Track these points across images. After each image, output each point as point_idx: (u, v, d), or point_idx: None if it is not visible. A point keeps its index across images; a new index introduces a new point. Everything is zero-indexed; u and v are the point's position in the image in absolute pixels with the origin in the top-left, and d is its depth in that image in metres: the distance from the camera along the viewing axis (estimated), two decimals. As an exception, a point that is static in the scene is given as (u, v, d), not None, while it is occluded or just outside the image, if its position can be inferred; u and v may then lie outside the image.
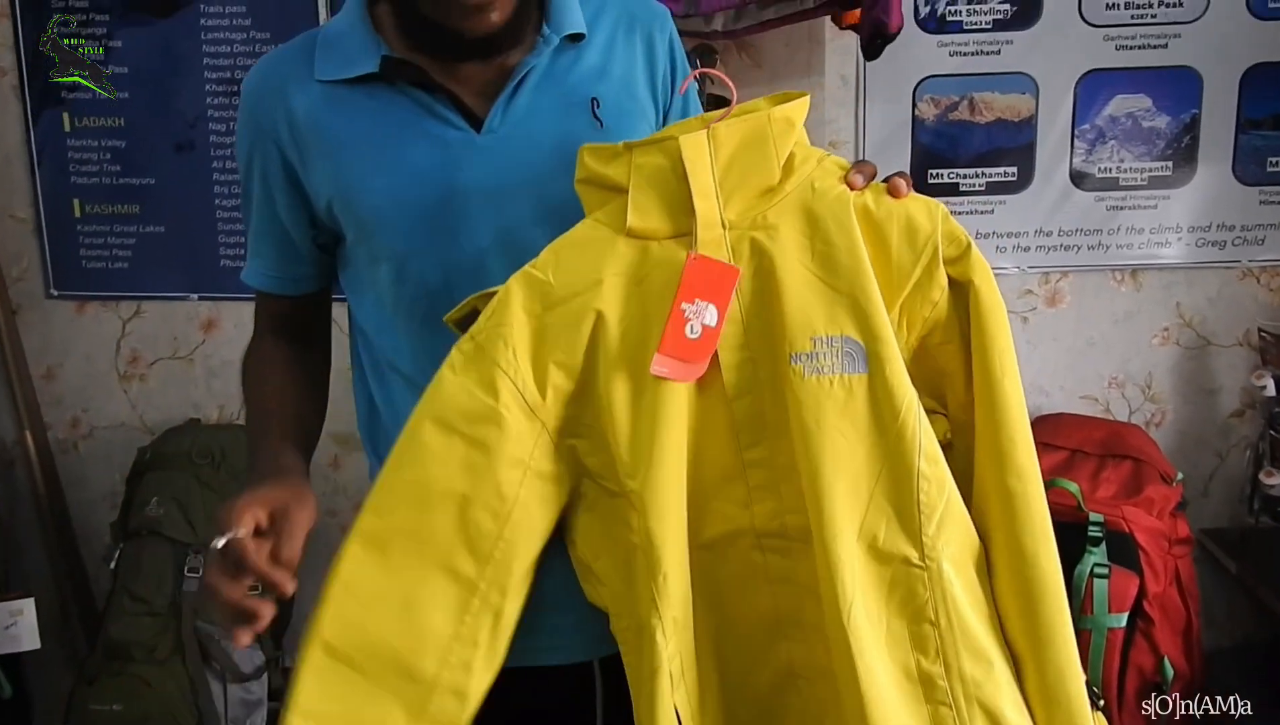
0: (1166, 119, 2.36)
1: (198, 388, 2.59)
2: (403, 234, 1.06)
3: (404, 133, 1.05)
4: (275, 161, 1.09)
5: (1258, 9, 2.30)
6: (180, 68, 2.44)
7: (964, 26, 2.34)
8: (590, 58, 1.09)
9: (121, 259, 2.53)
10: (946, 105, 2.38)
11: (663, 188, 0.95)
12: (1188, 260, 2.42)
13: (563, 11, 1.07)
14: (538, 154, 1.06)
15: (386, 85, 1.05)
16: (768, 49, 2.30)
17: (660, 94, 1.14)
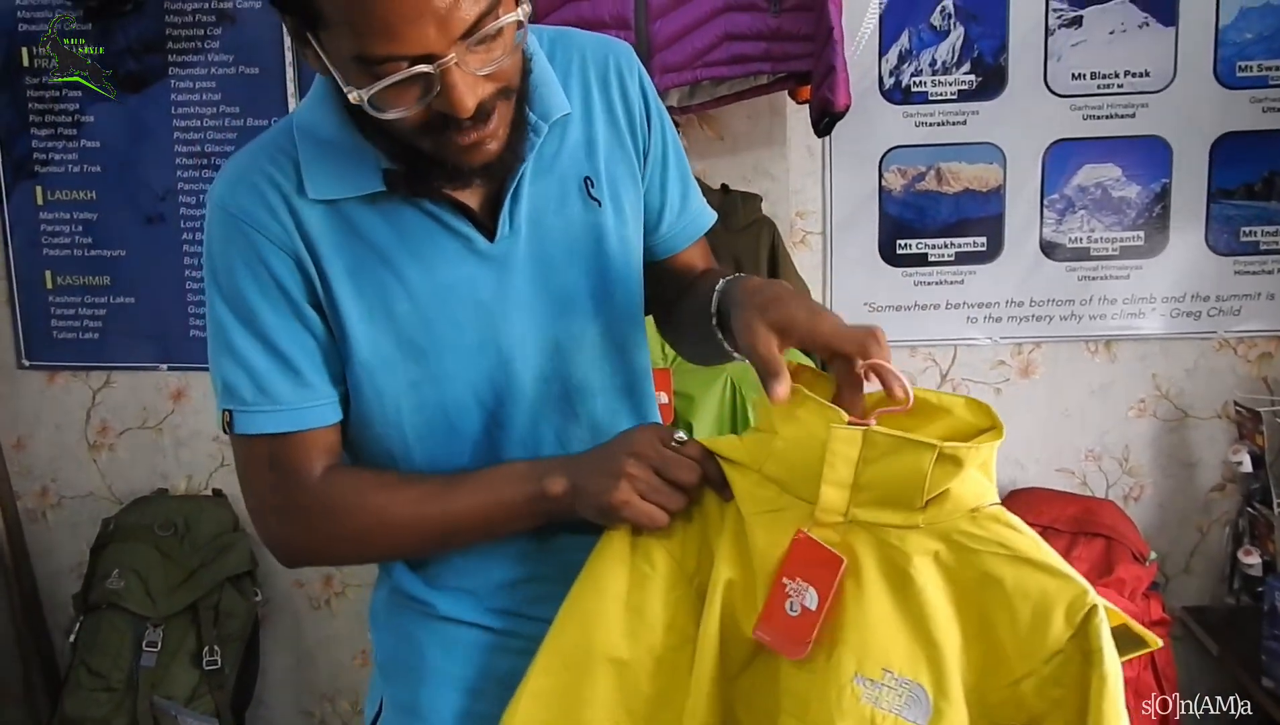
0: (1137, 188, 2.36)
1: (166, 458, 2.61)
2: (429, 355, 1.03)
3: (422, 251, 1.02)
4: (295, 275, 1.01)
5: (1226, 78, 2.30)
6: (151, 142, 2.49)
7: (929, 97, 2.35)
8: (574, 131, 1.08)
9: (92, 329, 2.57)
10: (914, 175, 2.39)
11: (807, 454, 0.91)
12: (1163, 331, 2.41)
13: (546, 96, 1.04)
14: (546, 251, 1.05)
15: (389, 197, 1.01)
16: (729, 120, 2.32)
17: (640, 139, 1.12)
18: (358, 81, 0.88)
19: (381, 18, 0.83)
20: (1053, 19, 2.30)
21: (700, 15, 1.90)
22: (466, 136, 0.92)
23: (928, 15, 2.31)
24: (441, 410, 1.05)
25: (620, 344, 1.13)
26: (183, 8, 2.44)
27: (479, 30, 0.86)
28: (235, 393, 1.02)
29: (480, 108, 0.90)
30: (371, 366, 1.03)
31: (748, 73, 1.95)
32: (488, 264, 1.03)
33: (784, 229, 2.35)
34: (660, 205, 1.16)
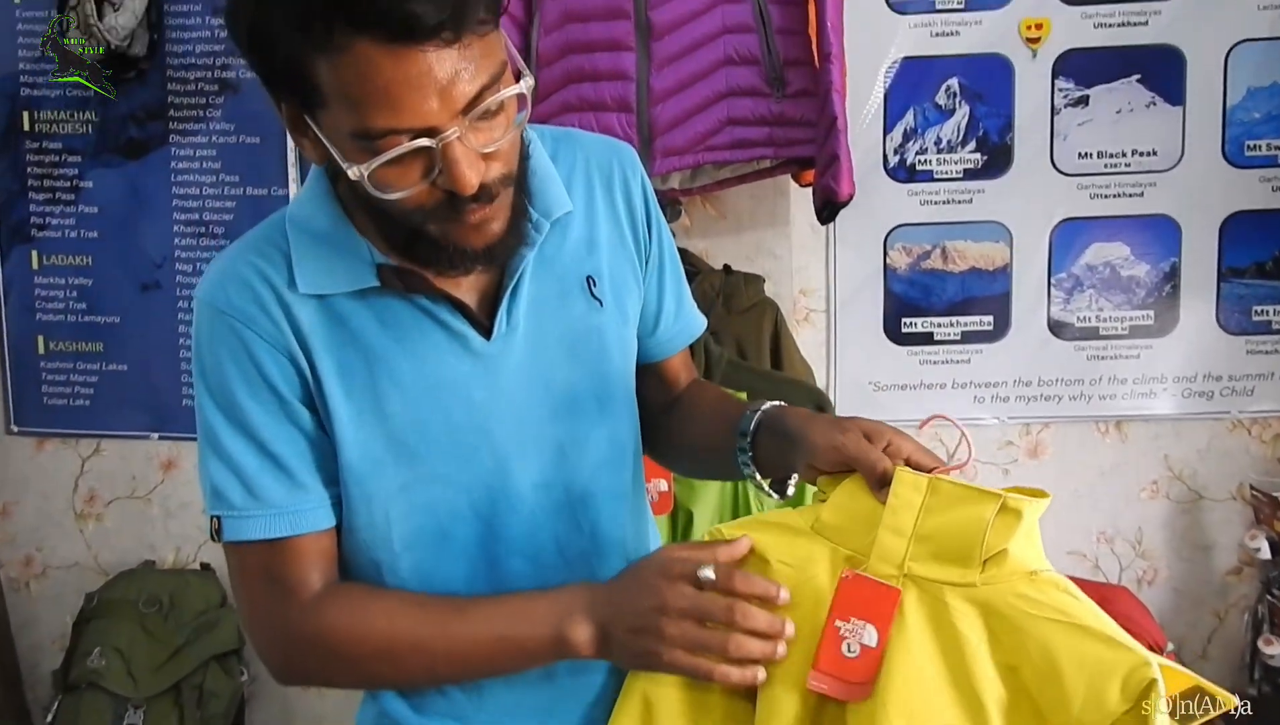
0: (1146, 267, 2.35)
1: (154, 529, 2.59)
2: (420, 457, 1.00)
3: (415, 348, 0.99)
4: (286, 372, 0.98)
5: (1234, 157, 2.30)
6: (149, 209, 2.49)
7: (935, 175, 2.35)
8: (576, 230, 1.06)
9: (83, 396, 2.56)
10: (919, 253, 2.39)
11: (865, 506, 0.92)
12: (1175, 411, 2.38)
13: (547, 192, 1.03)
14: (545, 350, 1.03)
15: (381, 292, 0.99)
16: (732, 199, 2.32)
17: (642, 242, 1.11)
18: (358, 158, 0.86)
19: (383, 89, 0.82)
20: (1058, 98, 2.31)
21: (702, 99, 1.91)
22: (469, 217, 0.90)
23: (932, 94, 2.32)
24: (433, 516, 1.02)
25: (623, 448, 1.11)
26: (186, 76, 2.46)
27: (481, 103, 0.86)
28: (224, 497, 0.98)
29: (483, 188, 0.89)
30: (360, 470, 0.99)
31: (750, 157, 1.95)
32: (484, 362, 1.01)
33: (787, 306, 2.34)
34: (658, 309, 1.16)
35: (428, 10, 0.80)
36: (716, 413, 1.11)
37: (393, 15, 0.80)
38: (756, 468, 1.03)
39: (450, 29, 0.82)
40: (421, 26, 0.80)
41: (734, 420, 1.05)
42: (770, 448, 1.02)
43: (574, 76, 1.95)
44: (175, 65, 2.45)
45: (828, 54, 1.81)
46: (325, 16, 0.81)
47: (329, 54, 0.82)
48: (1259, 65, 2.27)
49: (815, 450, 0.94)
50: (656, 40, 1.90)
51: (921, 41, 2.30)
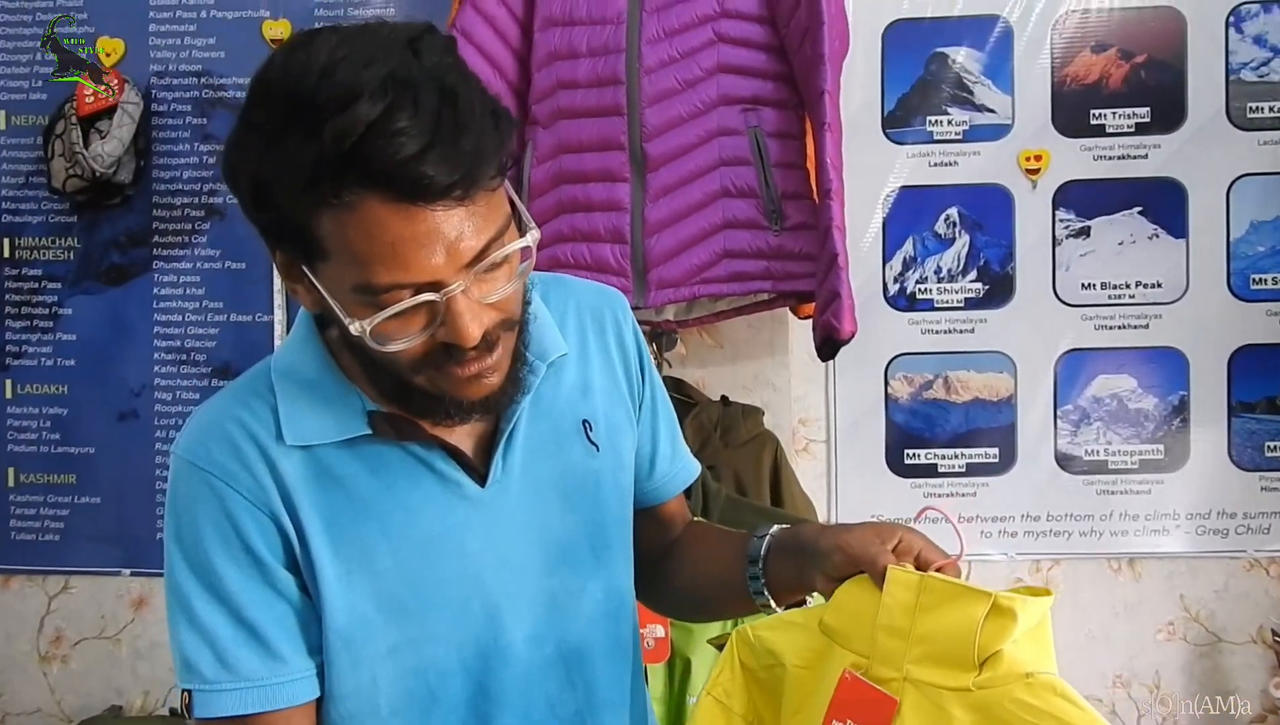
0: (1154, 400, 2.23)
1: (123, 671, 2.40)
2: (412, 615, 0.93)
3: (407, 498, 0.93)
4: (269, 534, 0.90)
5: (1240, 291, 2.21)
6: (129, 336, 2.37)
7: (935, 305, 2.25)
8: (570, 374, 1.02)
9: (53, 531, 2.39)
10: (921, 383, 2.27)
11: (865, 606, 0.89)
12: (1189, 549, 2.24)
13: (542, 335, 0.99)
14: (541, 497, 0.98)
15: (372, 441, 0.93)
16: (729, 328, 2.21)
17: (635, 386, 1.07)
18: (358, 313, 0.82)
19: (390, 246, 0.78)
20: (1060, 229, 2.22)
21: (699, 231, 1.81)
22: (468, 368, 0.86)
23: (932, 223, 2.23)
24: (422, 678, 0.94)
25: (620, 600, 1.04)
26: (172, 202, 2.36)
27: (486, 257, 0.82)
28: (195, 669, 0.89)
29: (484, 338, 0.85)
30: (349, 632, 0.91)
31: (747, 291, 1.84)
32: (478, 511, 0.94)
33: (786, 437, 2.21)
34: (653, 452, 1.11)
35: (441, 172, 0.77)
36: (721, 547, 1.07)
37: (405, 176, 0.76)
38: (771, 595, 0.99)
39: (461, 189, 0.79)
40: (434, 188, 0.77)
41: (741, 550, 1.02)
42: (784, 569, 0.98)
43: (567, 207, 1.85)
44: (161, 191, 2.36)
45: (828, 191, 1.71)
46: (335, 174, 0.77)
47: (335, 210, 0.78)
48: (1261, 199, 2.19)
49: (826, 556, 0.91)
50: (652, 171, 1.81)
51: (920, 171, 2.22)
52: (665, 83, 1.80)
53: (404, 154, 0.76)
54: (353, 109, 0.76)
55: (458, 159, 0.78)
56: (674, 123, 1.81)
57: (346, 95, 0.76)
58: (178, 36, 2.34)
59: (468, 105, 0.79)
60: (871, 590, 0.87)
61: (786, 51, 1.82)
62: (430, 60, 0.80)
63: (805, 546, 0.94)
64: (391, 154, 0.76)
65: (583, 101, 1.84)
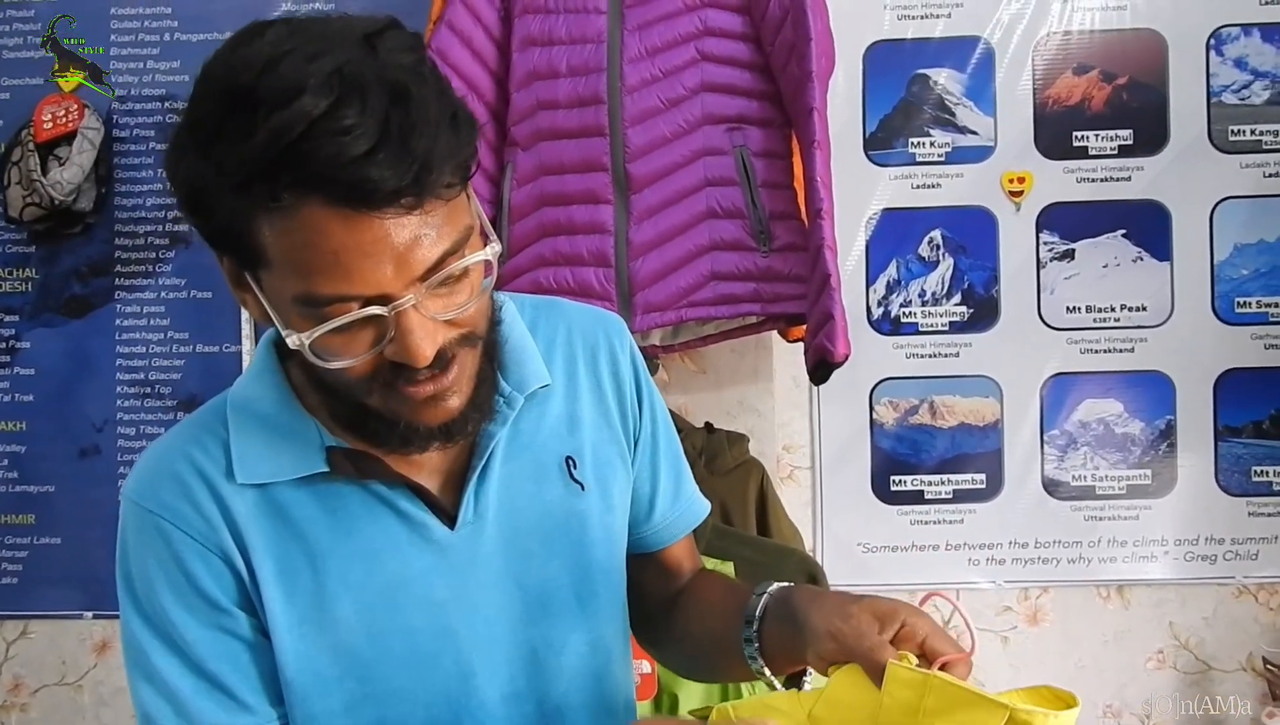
0: (1140, 425, 2.12)
1: (86, 720, 2.20)
2: (372, 670, 0.83)
3: (368, 542, 0.83)
4: (222, 576, 0.82)
5: (1225, 314, 2.10)
6: (91, 369, 2.19)
7: (920, 328, 2.13)
8: (555, 406, 0.91)
9: (10, 573, 2.20)
10: (906, 408, 2.14)
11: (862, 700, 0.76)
12: (1177, 576, 2.12)
13: (522, 364, 0.88)
14: (518, 540, 0.87)
15: (330, 479, 0.83)
16: (712, 354, 2.08)
17: (631, 420, 0.95)
18: (299, 325, 0.73)
19: (331, 255, 0.69)
20: (1044, 252, 2.11)
21: (685, 253, 1.67)
22: (422, 388, 0.76)
23: (915, 246, 2.11)
24: None
25: (607, 655, 0.92)
26: (134, 230, 2.19)
27: (442, 270, 0.72)
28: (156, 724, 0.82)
29: (439, 355, 0.75)
30: (301, 687, 0.83)
31: (736, 314, 1.71)
32: (447, 556, 0.84)
33: (770, 464, 2.08)
34: (652, 493, 0.98)
35: (387, 176, 0.67)
36: (724, 602, 0.93)
37: (349, 180, 0.67)
38: (765, 661, 0.85)
39: (412, 194, 0.69)
40: (380, 193, 0.68)
41: (740, 608, 0.88)
42: (778, 637, 0.84)
43: (549, 230, 1.71)
44: (124, 219, 2.19)
45: (818, 210, 1.59)
46: (270, 176, 0.68)
47: (274, 215, 0.69)
48: (1245, 222, 2.09)
49: (817, 639, 0.78)
50: (635, 193, 1.67)
51: (902, 193, 2.10)
52: (648, 102, 1.67)
53: (348, 155, 0.66)
54: (294, 104, 0.66)
55: (407, 162, 0.68)
56: (658, 143, 1.67)
57: (289, 90, 0.67)
58: (140, 60, 2.18)
59: (422, 104, 0.69)
60: (868, 685, 0.75)
61: (772, 70, 1.69)
62: (388, 57, 0.70)
63: (798, 620, 0.81)
64: (334, 154, 0.66)
65: (563, 122, 1.70)
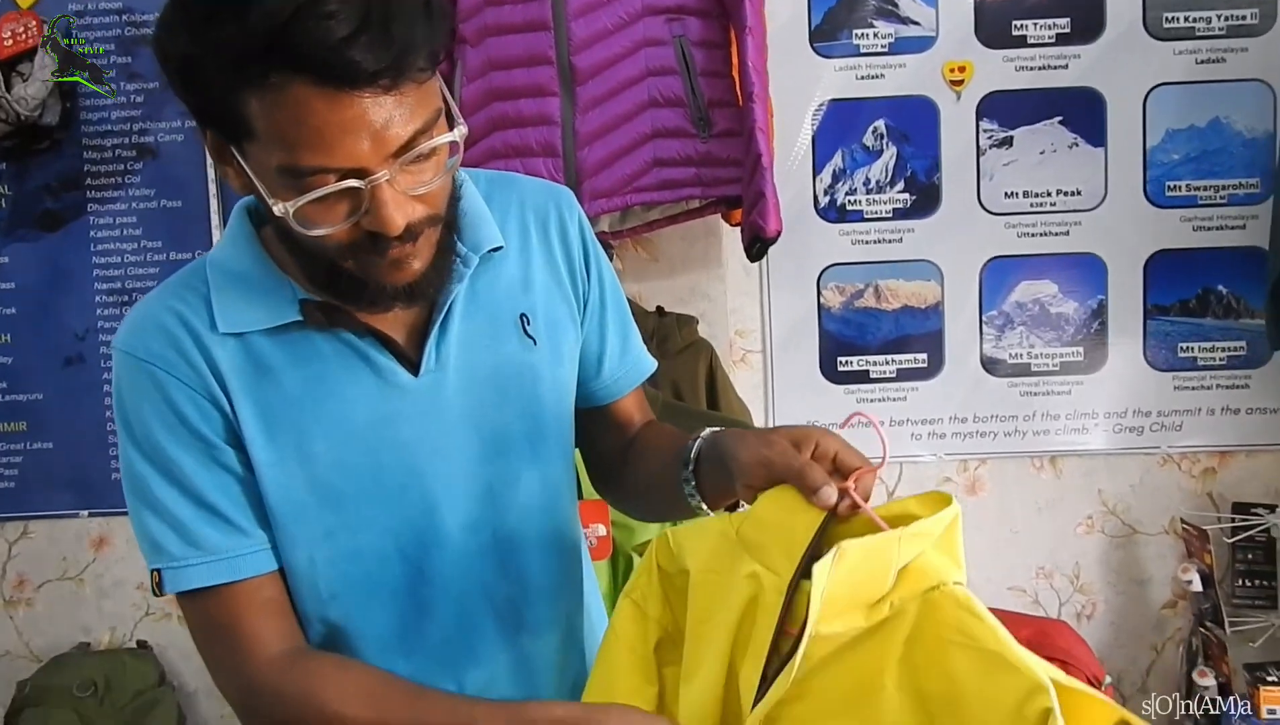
0: (1074, 305, 2.07)
1: (88, 610, 2.19)
2: (346, 500, 0.86)
3: (339, 386, 0.86)
4: (210, 415, 0.84)
5: (1155, 197, 2.04)
6: (69, 281, 2.12)
7: (865, 216, 2.06)
8: (509, 268, 0.92)
9: (7, 478, 2.16)
10: (852, 292, 2.09)
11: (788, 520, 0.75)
12: (1107, 447, 2.10)
13: (477, 226, 0.89)
14: (476, 388, 0.89)
15: (305, 329, 0.85)
16: (664, 242, 2.01)
17: (580, 285, 0.97)
18: (283, 195, 0.75)
19: (316, 130, 0.71)
20: (983, 139, 2.03)
21: (628, 141, 1.60)
22: (390, 255, 0.78)
23: (860, 135, 2.03)
24: (360, 562, 0.87)
25: (556, 492, 0.95)
26: (102, 143, 2.09)
27: (413, 148, 0.75)
28: (162, 549, 0.85)
29: (408, 229, 0.77)
30: (283, 515, 0.86)
31: (678, 198, 1.64)
32: (411, 401, 0.87)
33: (723, 348, 2.03)
34: (600, 351, 1.00)
35: (368, 59, 0.70)
36: (667, 450, 0.94)
37: (333, 61, 0.70)
38: (703, 498, 0.88)
39: (389, 76, 0.72)
40: (361, 74, 0.71)
41: (680, 453, 0.90)
42: (712, 474, 0.86)
43: (499, 123, 1.62)
44: (91, 133, 2.09)
45: (750, 94, 1.52)
46: (263, 56, 0.70)
47: (262, 92, 0.71)
48: (1177, 108, 2.01)
49: (745, 469, 0.79)
50: (580, 85, 1.59)
51: (847, 84, 2.02)
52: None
53: (332, 38, 0.69)
54: None
55: (387, 46, 0.71)
56: (600, 35, 1.59)
57: None
58: (95, -28, 2.06)
59: None
60: (792, 503, 0.75)
61: (708, -41, 1.60)
62: None
63: (726, 456, 0.82)
64: (320, 38, 0.69)
65: (509, 17, 1.61)
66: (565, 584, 0.98)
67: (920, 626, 0.70)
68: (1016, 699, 0.65)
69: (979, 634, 0.68)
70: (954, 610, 0.69)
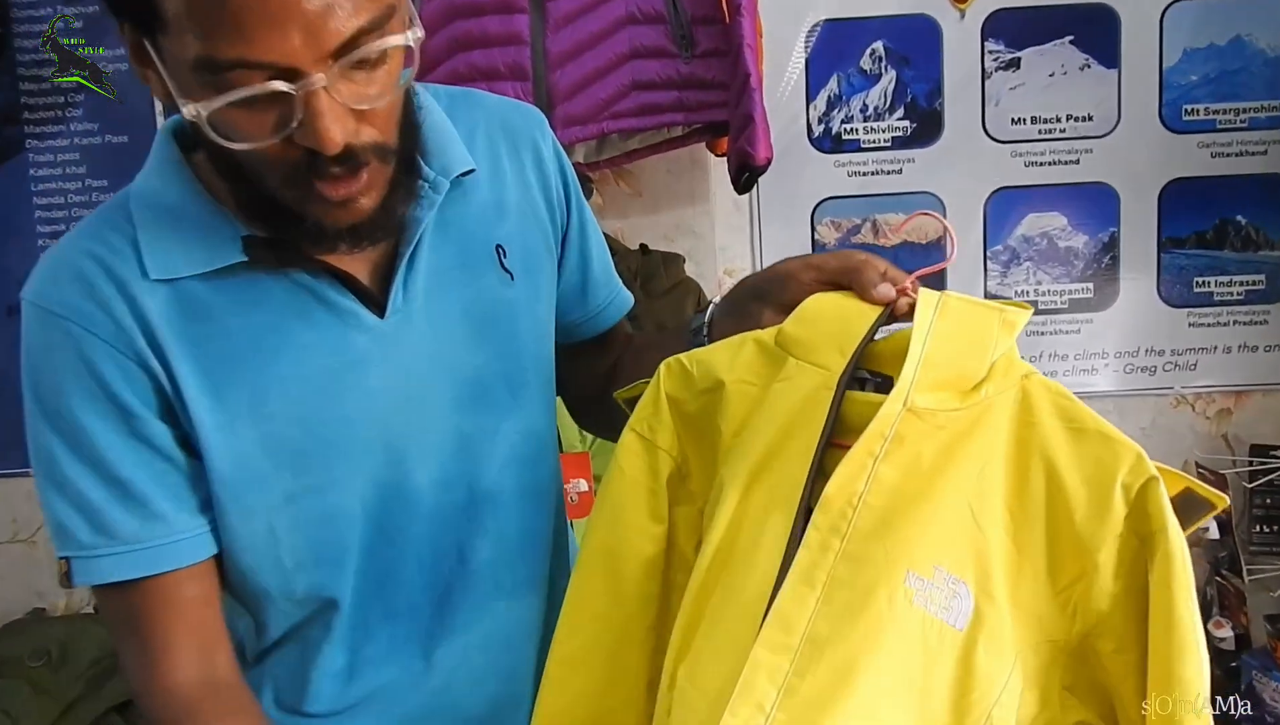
0: (1084, 238, 1.99)
1: (42, 573, 2.11)
2: (310, 460, 0.77)
3: (295, 333, 0.76)
4: (136, 381, 0.73)
5: (1171, 122, 1.95)
6: (8, 223, 2.01)
7: (862, 145, 1.97)
8: (481, 193, 0.83)
9: (-49, 435, 2.08)
10: (848, 228, 2.01)
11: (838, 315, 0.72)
12: (1117, 388, 2.03)
13: (445, 148, 0.80)
14: (448, 328, 0.81)
15: (250, 270, 0.75)
16: (647, 175, 1.92)
17: (558, 211, 0.89)
18: (198, 95, 0.64)
19: (234, 12, 0.60)
20: (989, 61, 1.93)
21: (605, 63, 1.49)
22: (333, 188, 0.68)
23: (857, 59, 1.93)
24: (329, 527, 0.78)
25: (539, 443, 0.87)
26: (39, 74, 1.98)
27: (357, 49, 0.64)
28: (70, 535, 0.74)
29: (350, 153, 0.67)
30: (236, 482, 0.75)
31: (659, 124, 1.54)
32: (377, 345, 0.77)
33: (710, 289, 1.95)
34: (584, 279, 0.93)
35: None
36: (667, 340, 0.87)
37: None
38: None
39: None
40: None
41: (682, 333, 0.84)
42: (727, 328, 0.79)
43: (462, 43, 1.52)
44: (27, 62, 1.98)
45: (738, 6, 1.41)
46: None
47: None
48: (1195, 25, 1.91)
49: (789, 275, 0.75)
50: (551, 0, 1.49)
51: (843, 2, 1.90)
52: (560, -104, 1.47)
53: None
54: None
55: None
56: (572, -58, 1.48)
57: None
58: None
59: None
60: (842, 302, 0.72)
61: None
62: None
63: (756, 286, 0.78)
64: None
65: (471, -75, 1.50)
66: (548, 544, 0.90)
67: (1018, 416, 0.66)
68: (1119, 473, 0.63)
69: (1078, 415, 0.66)
70: (1049, 395, 0.67)
